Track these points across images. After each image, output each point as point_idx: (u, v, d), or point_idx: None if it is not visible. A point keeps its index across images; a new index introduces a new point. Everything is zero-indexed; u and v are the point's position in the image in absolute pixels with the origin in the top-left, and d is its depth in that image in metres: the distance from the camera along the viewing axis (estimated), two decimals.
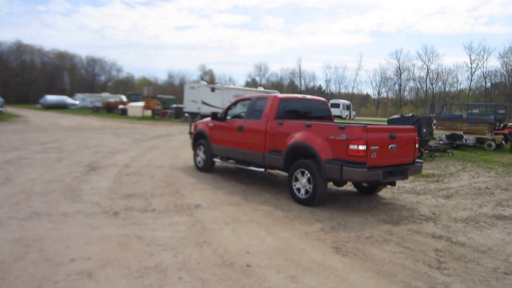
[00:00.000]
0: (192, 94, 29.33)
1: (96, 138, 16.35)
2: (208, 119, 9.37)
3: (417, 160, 6.81)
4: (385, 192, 7.84)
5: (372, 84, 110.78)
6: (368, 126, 5.83)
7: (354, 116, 53.70)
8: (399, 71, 75.41)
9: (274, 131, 7.22)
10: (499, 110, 22.17)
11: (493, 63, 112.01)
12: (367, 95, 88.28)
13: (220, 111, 9.40)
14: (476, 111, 22.89)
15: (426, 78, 73.20)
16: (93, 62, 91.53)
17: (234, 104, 8.81)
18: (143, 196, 6.79)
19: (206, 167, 9.25)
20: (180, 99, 41.31)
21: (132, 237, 4.74)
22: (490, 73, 66.18)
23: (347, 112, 49.98)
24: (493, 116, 20.40)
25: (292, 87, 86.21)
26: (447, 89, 72.68)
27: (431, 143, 16.10)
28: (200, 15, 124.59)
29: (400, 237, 5.06)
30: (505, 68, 62.80)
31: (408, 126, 6.80)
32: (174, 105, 39.96)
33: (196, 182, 8.17)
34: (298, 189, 6.64)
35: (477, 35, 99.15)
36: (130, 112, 38.04)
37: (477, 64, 67.48)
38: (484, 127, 18.81)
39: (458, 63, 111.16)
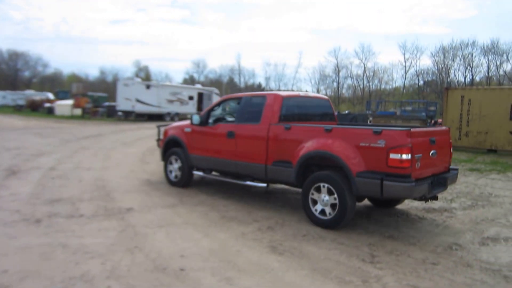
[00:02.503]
0: (126, 91, 28.23)
1: (18, 139, 15.10)
2: (184, 122, 7.86)
3: (451, 167, 5.95)
4: None
5: (311, 82, 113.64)
6: (411, 129, 4.81)
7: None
8: (337, 69, 77.97)
9: (280, 137, 5.89)
10: (430, 107, 23.83)
11: (426, 62, 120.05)
12: (299, 91, 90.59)
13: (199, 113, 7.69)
14: (409, 108, 24.46)
15: (363, 76, 76.16)
16: (15, 56, 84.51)
17: (218, 104, 7.41)
18: (69, 201, 6.33)
19: (183, 182, 7.61)
20: (113, 97, 39.56)
21: (56, 246, 4.37)
22: (422, 72, 70.67)
23: None
24: (425, 113, 21.89)
25: (232, 85, 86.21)
26: (383, 86, 76.34)
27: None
28: (136, 9, 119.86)
29: (336, 234, 5.15)
30: (436, 67, 67.74)
31: (444, 128, 5.86)
32: (107, 103, 38.26)
33: (129, 184, 7.80)
34: (322, 211, 5.37)
35: (411, 35, 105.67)
36: (57, 111, 35.79)
37: (411, 63, 71.66)
38: (417, 123, 20.11)
39: (393, 62, 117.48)
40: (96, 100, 39.62)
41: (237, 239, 4.87)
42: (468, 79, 63.98)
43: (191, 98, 32.35)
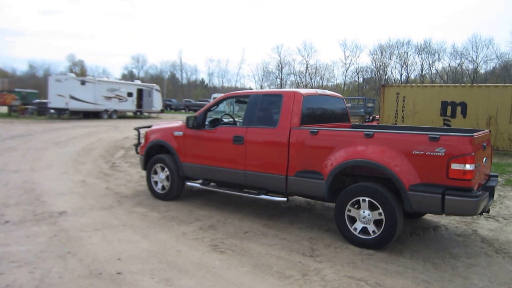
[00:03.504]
0: (59, 87, 26.56)
1: None
2: (172, 124, 6.76)
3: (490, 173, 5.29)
4: None
5: (255, 78, 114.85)
6: (474, 135, 4.19)
7: (238, 111, 54.96)
8: (280, 66, 79.24)
9: (305, 143, 5.04)
10: (368, 104, 24.92)
11: (365, 60, 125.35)
12: (250, 89, 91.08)
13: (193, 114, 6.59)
14: (348, 104, 25.45)
15: (306, 73, 78.13)
16: None
17: (216, 104, 6.30)
18: None
19: (172, 194, 6.49)
20: (44, 94, 37.16)
21: None
22: (362, 69, 73.88)
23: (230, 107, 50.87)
24: (363, 109, 22.87)
25: (173, 81, 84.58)
26: (324, 83, 78.63)
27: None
28: None
29: (278, 229, 5.22)
30: (374, 65, 71.06)
31: (486, 131, 5.18)
32: (37, 100, 35.80)
33: (61, 187, 7.35)
34: (363, 230, 4.63)
35: (351, 33, 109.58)
36: None
37: (351, 60, 74.58)
38: (356, 120, 20.94)
39: (334, 59, 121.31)
40: (25, 97, 36.81)
41: (178, 239, 4.77)
42: (404, 77, 67.84)
43: (130, 94, 31.21)
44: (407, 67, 68.24)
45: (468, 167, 4.04)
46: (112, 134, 16.93)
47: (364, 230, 4.60)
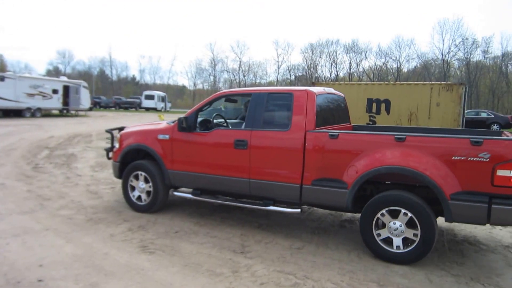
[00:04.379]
0: None
1: None
2: (154, 126, 5.96)
3: None
4: None
5: (188, 75, 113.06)
6: None
7: (170, 108, 53.89)
8: (213, 63, 78.95)
9: (324, 148, 4.53)
10: None
11: (296, 58, 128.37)
12: (183, 86, 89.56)
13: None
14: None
15: (239, 70, 78.61)
16: None
17: (209, 103, 5.55)
18: None
19: (156, 205, 5.71)
20: None
21: None
22: (293, 67, 76.04)
23: (162, 104, 49.76)
24: None
25: (103, 77, 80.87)
26: (257, 81, 79.72)
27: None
28: None
29: (209, 227, 5.20)
30: (305, 63, 73.27)
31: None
32: None
33: None
34: (388, 241, 4.26)
35: (283, 32, 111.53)
36: None
37: (283, 58, 76.27)
38: None
39: (267, 57, 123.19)
40: None
41: (105, 241, 4.58)
42: (334, 75, 70.87)
43: (55, 91, 29.34)
44: (336, 65, 71.50)
45: None
46: (36, 134, 15.85)
47: (389, 241, 4.24)
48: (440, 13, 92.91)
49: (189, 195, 5.49)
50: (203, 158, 5.28)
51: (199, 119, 5.57)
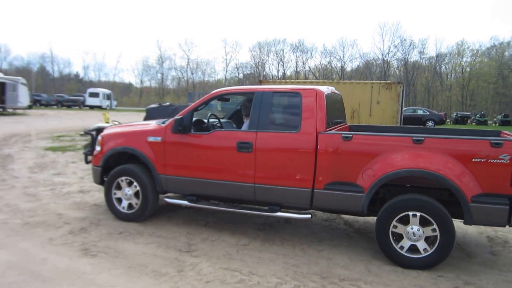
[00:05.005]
0: None
1: None
2: (142, 126, 5.48)
3: None
4: None
5: (134, 73, 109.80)
6: None
7: (116, 106, 52.11)
8: (161, 60, 77.29)
9: (337, 151, 4.32)
10: None
11: (244, 56, 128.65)
12: (130, 84, 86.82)
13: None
14: None
15: (187, 68, 77.61)
16: None
17: (206, 102, 5.20)
18: None
19: (145, 213, 5.26)
20: None
21: None
22: (242, 65, 76.42)
23: (107, 102, 47.92)
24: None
25: (43, 74, 76.50)
26: (206, 78, 79.28)
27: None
28: None
29: (155, 227, 5.11)
30: (253, 61, 73.77)
31: None
32: None
33: None
34: (411, 248, 4.12)
35: (231, 30, 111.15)
36: None
37: (231, 57, 76.32)
38: None
39: (215, 55, 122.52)
40: None
41: (43, 246, 4.37)
42: (281, 73, 72.08)
43: None
44: (283, 64, 72.88)
45: None
46: None
47: (413, 248, 4.10)
48: (381, 15, 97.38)
49: (184, 202, 5.08)
50: (201, 161, 4.92)
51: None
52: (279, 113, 4.85)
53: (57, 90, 67.01)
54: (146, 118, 13.32)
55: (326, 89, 4.94)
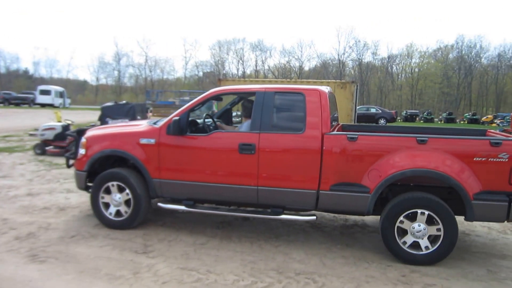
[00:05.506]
0: None
1: None
2: (134, 129, 5.12)
3: None
4: None
5: (89, 70, 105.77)
6: None
7: (69, 104, 49.94)
8: (117, 57, 74.87)
9: (343, 152, 4.32)
10: None
11: (204, 54, 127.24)
12: (85, 81, 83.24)
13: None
14: (187, 98, 25.79)
15: (145, 65, 75.74)
16: None
17: (203, 102, 5.01)
18: None
19: (136, 220, 4.97)
20: None
21: None
22: (201, 63, 75.83)
23: (60, 100, 45.75)
24: None
25: None
26: (165, 76, 77.77)
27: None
28: None
29: (109, 230, 4.94)
30: (213, 59, 73.34)
31: None
32: None
33: None
34: (413, 244, 4.23)
35: (190, 28, 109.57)
36: None
37: (191, 54, 75.44)
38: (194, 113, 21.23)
39: (174, 53, 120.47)
40: None
41: None
42: (241, 72, 72.23)
43: None
44: (243, 62, 73.14)
45: None
46: None
47: (414, 245, 4.21)
48: (337, 17, 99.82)
49: (181, 207, 4.85)
50: (200, 164, 4.72)
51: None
52: (282, 113, 4.74)
53: (3, 87, 63.10)
54: (101, 117, 12.91)
55: (326, 89, 4.88)
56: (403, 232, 4.23)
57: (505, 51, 65.98)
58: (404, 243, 4.22)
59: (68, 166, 5.81)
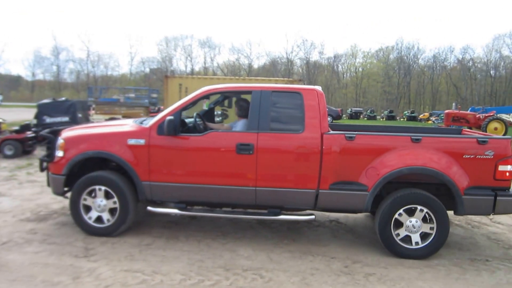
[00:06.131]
0: None
1: None
2: (120, 129, 4.82)
3: None
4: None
5: (24, 64, 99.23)
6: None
7: (1, 101, 46.67)
8: (56, 51, 70.86)
9: (341, 151, 4.36)
10: (152, 94, 25.00)
11: (151, 50, 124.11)
12: (19, 77, 77.96)
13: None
14: (132, 95, 25.00)
15: (87, 60, 72.52)
16: None
17: (194, 101, 4.79)
18: None
19: (124, 225, 4.68)
20: None
21: None
22: (148, 59, 73.78)
23: None
24: (147, 100, 22.89)
25: None
26: (109, 72, 74.95)
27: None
28: None
29: (46, 233, 4.68)
30: (160, 56, 71.71)
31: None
32: None
33: None
34: (405, 238, 4.37)
35: (136, 22, 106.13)
36: None
37: (136, 50, 73.20)
38: (140, 110, 20.63)
39: (119, 48, 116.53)
40: None
41: None
42: (189, 69, 71.30)
43: None
44: (191, 59, 72.37)
45: (509, 168, 4.32)
46: None
47: (406, 239, 4.37)
48: (285, 16, 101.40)
49: (174, 211, 4.67)
50: (195, 165, 4.54)
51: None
52: (280, 113, 4.66)
53: None
54: (38, 115, 12.09)
55: (320, 88, 4.88)
56: (399, 225, 4.38)
57: (439, 53, 70.60)
58: (398, 235, 4.37)
59: (42, 170, 5.22)
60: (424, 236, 4.36)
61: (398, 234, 4.37)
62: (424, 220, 4.34)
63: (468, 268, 4.13)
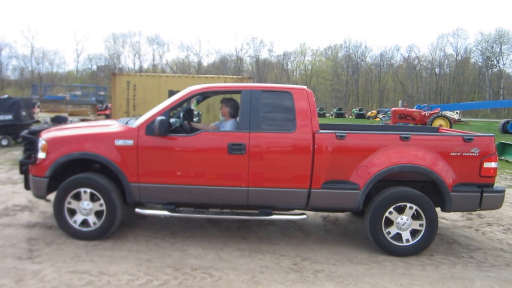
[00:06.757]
0: None
1: None
2: (106, 130, 4.67)
3: None
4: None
5: None
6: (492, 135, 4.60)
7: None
8: None
9: (333, 150, 4.40)
10: (100, 92, 24.17)
11: (98, 47, 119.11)
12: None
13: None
14: (79, 92, 24.05)
15: (31, 57, 68.51)
16: None
17: (183, 101, 4.75)
18: None
19: (110, 230, 4.56)
20: None
21: None
22: (95, 56, 70.97)
23: None
24: (95, 98, 22.13)
25: None
26: (54, 70, 71.38)
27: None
28: None
29: None
30: (108, 53, 69.09)
31: None
32: None
33: None
34: (396, 236, 4.48)
35: (82, 18, 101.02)
36: None
37: (83, 47, 70.24)
38: (87, 108, 19.90)
39: (64, 45, 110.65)
40: None
41: None
42: (138, 66, 69.42)
43: None
44: (140, 56, 70.65)
45: (493, 165, 4.47)
46: None
47: (396, 237, 4.49)
48: (234, 13, 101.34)
49: (164, 212, 4.58)
50: (185, 166, 4.48)
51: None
52: (271, 112, 4.63)
53: None
54: None
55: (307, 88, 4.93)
56: (389, 223, 4.49)
57: (386, 51, 73.79)
58: (388, 233, 4.48)
59: (22, 172, 4.97)
60: (413, 232, 4.49)
61: (389, 232, 4.48)
62: (413, 217, 4.47)
63: (413, 263, 4.32)
